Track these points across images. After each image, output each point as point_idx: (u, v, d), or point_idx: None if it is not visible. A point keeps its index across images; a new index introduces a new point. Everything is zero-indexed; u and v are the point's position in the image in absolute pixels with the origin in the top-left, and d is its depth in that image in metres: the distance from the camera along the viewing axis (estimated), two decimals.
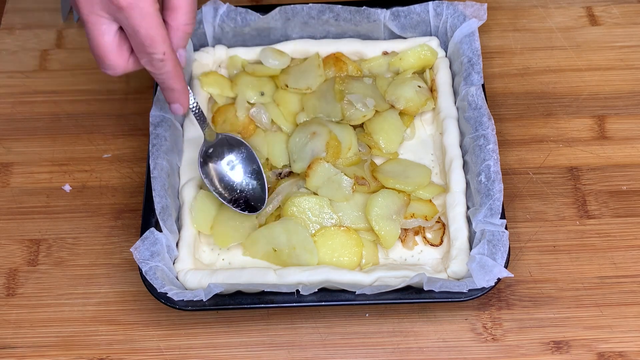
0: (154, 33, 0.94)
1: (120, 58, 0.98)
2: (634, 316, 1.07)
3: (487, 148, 1.10)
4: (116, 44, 0.97)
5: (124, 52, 0.98)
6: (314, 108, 1.20)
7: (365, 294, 1.02)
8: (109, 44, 0.96)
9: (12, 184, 1.21)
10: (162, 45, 0.95)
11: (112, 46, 0.97)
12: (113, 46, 0.97)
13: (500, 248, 1.03)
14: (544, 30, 1.32)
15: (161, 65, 0.97)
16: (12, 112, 1.28)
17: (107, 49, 0.97)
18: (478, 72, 1.16)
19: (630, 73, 1.27)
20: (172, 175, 1.13)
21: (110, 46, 0.97)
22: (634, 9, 1.34)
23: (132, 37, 0.95)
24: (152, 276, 1.03)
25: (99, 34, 0.95)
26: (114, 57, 0.98)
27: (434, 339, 1.06)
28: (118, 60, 0.98)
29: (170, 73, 0.99)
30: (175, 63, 0.99)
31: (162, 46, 0.95)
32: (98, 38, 0.96)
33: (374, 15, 1.24)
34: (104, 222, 1.17)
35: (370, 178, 1.14)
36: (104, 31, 0.95)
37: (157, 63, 0.97)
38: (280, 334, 1.08)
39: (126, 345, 1.08)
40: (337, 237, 1.09)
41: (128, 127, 1.26)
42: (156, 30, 0.94)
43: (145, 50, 0.95)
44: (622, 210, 1.15)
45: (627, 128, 1.22)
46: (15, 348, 1.08)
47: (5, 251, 1.16)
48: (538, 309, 1.08)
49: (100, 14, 0.94)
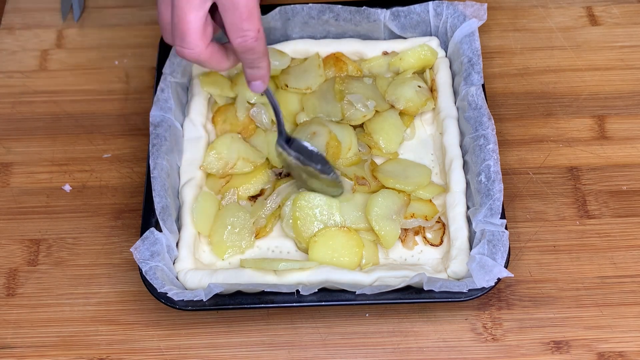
0: (253, 6, 0.91)
1: (202, 40, 0.94)
2: (634, 316, 1.07)
3: (487, 148, 1.10)
4: (203, 24, 0.93)
5: (207, 36, 0.95)
6: (314, 108, 1.20)
7: (365, 294, 1.02)
8: (197, 20, 0.92)
9: (12, 184, 1.21)
10: (258, 21, 0.93)
11: (199, 24, 0.93)
12: (200, 24, 0.93)
13: (500, 248, 1.03)
14: (544, 30, 1.32)
15: (255, 44, 0.94)
16: (12, 112, 1.28)
17: (193, 26, 0.92)
18: (478, 72, 1.16)
19: (630, 73, 1.27)
20: (172, 175, 1.13)
21: (197, 23, 0.92)
22: (634, 9, 1.34)
23: (229, 12, 0.91)
24: (152, 276, 1.03)
25: (190, 8, 0.91)
26: (196, 37, 0.94)
27: (434, 339, 1.06)
28: (199, 41, 0.94)
29: (262, 51, 0.97)
30: (265, 41, 0.96)
31: (258, 22, 0.93)
32: (187, 12, 0.91)
33: (374, 15, 1.24)
34: (104, 222, 1.17)
35: (370, 178, 1.14)
36: (196, 6, 0.91)
37: (251, 42, 0.94)
38: (280, 334, 1.08)
39: (126, 345, 1.08)
40: (338, 237, 1.09)
41: (128, 127, 1.26)
42: (255, 2, 0.92)
43: (243, 26, 0.92)
44: (622, 210, 1.15)
45: (627, 128, 1.22)
46: (15, 348, 1.08)
47: (5, 251, 1.16)
48: (538, 309, 1.08)
49: None
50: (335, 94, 1.19)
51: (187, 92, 1.23)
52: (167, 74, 1.18)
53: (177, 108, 1.18)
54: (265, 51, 0.98)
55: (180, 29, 0.93)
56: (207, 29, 0.95)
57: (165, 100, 1.16)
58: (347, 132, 1.16)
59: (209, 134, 1.20)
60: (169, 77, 1.18)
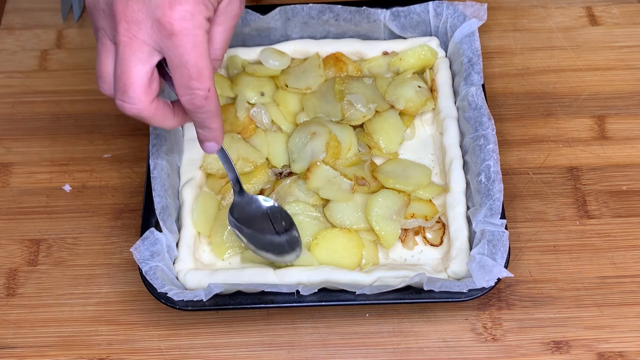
0: (203, 65, 0.86)
1: (146, 95, 0.88)
2: (634, 316, 1.07)
3: (487, 148, 1.10)
4: (148, 78, 0.87)
5: (152, 91, 0.88)
6: (314, 108, 1.20)
7: (365, 294, 1.02)
8: (142, 74, 0.86)
9: (12, 184, 1.21)
10: (208, 80, 0.87)
11: (144, 78, 0.87)
12: (145, 79, 0.87)
13: (500, 248, 1.03)
14: (544, 30, 1.32)
15: (204, 103, 0.89)
16: (12, 112, 1.28)
17: (138, 80, 0.86)
18: (478, 72, 1.16)
19: (630, 73, 1.27)
20: (172, 175, 1.13)
21: (142, 78, 0.86)
22: (634, 9, 1.34)
23: (177, 70, 0.86)
24: (152, 276, 1.03)
25: (135, 61, 0.85)
26: (140, 92, 0.87)
27: (434, 339, 1.06)
28: (143, 96, 0.87)
29: (212, 112, 0.91)
30: (217, 100, 0.91)
31: (208, 81, 0.87)
32: (131, 65, 0.85)
33: (374, 15, 1.24)
34: (104, 222, 1.17)
35: (370, 178, 1.14)
36: (141, 60, 0.85)
37: (200, 101, 0.88)
38: (280, 334, 1.08)
39: (126, 345, 1.08)
40: (338, 237, 1.09)
41: (128, 127, 1.26)
42: (205, 62, 0.86)
43: (191, 84, 0.86)
44: (622, 210, 1.15)
45: (627, 128, 1.22)
46: (15, 348, 1.08)
47: (5, 251, 1.16)
48: (538, 309, 1.08)
49: (144, 39, 0.85)
50: (335, 94, 1.19)
51: None
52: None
53: None
54: (217, 111, 0.92)
55: (122, 82, 0.86)
56: (153, 84, 0.88)
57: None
58: (347, 133, 1.16)
59: None
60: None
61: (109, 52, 0.89)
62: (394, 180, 1.12)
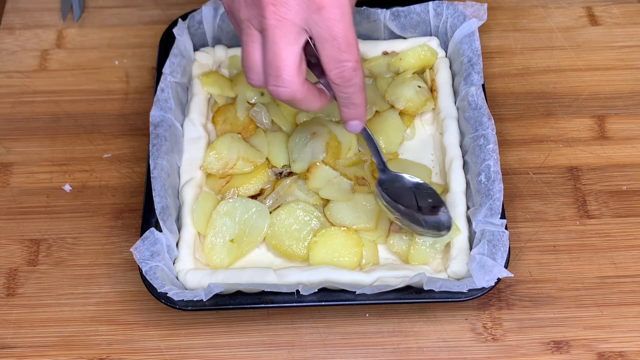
0: (351, 36, 0.86)
1: (299, 77, 0.89)
2: (634, 316, 1.07)
3: (487, 148, 1.10)
4: (299, 60, 0.88)
5: (302, 73, 0.90)
6: None
7: (365, 294, 1.02)
8: (293, 56, 0.87)
9: (12, 184, 1.21)
10: (356, 51, 0.88)
11: (295, 60, 0.88)
12: (296, 60, 0.88)
13: (500, 248, 1.03)
14: (544, 30, 1.32)
15: (353, 75, 0.89)
16: (12, 112, 1.28)
17: (289, 62, 0.87)
18: (478, 72, 1.16)
19: (630, 73, 1.27)
20: (172, 175, 1.13)
21: (293, 60, 0.87)
22: (634, 9, 1.34)
23: (327, 44, 0.86)
24: (152, 276, 1.03)
25: (285, 43, 0.86)
26: (293, 74, 0.88)
27: (434, 339, 1.06)
28: (296, 78, 0.88)
29: (360, 85, 0.91)
30: (363, 73, 0.91)
31: (356, 52, 0.88)
32: (282, 47, 0.86)
33: (374, 15, 1.24)
34: (104, 222, 1.17)
35: (370, 178, 1.14)
36: (290, 41, 0.86)
37: (350, 73, 0.88)
38: (280, 334, 1.08)
39: (126, 345, 1.08)
40: (337, 237, 1.09)
41: (128, 127, 1.26)
42: (352, 32, 0.87)
43: (340, 57, 0.87)
44: (622, 210, 1.15)
45: (627, 128, 1.22)
46: (15, 348, 1.08)
47: (5, 251, 1.16)
48: (538, 309, 1.08)
49: (292, 19, 0.86)
50: None
51: (187, 92, 1.23)
52: (167, 74, 1.18)
53: (177, 108, 1.18)
54: (363, 85, 0.92)
55: (275, 66, 0.87)
56: (302, 65, 0.89)
57: (165, 100, 1.16)
58: (347, 133, 1.16)
59: (209, 134, 1.20)
60: (169, 77, 1.18)
61: (255, 42, 0.90)
62: None
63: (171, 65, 1.19)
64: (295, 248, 1.09)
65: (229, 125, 1.20)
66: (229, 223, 1.10)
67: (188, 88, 1.23)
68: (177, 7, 1.37)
